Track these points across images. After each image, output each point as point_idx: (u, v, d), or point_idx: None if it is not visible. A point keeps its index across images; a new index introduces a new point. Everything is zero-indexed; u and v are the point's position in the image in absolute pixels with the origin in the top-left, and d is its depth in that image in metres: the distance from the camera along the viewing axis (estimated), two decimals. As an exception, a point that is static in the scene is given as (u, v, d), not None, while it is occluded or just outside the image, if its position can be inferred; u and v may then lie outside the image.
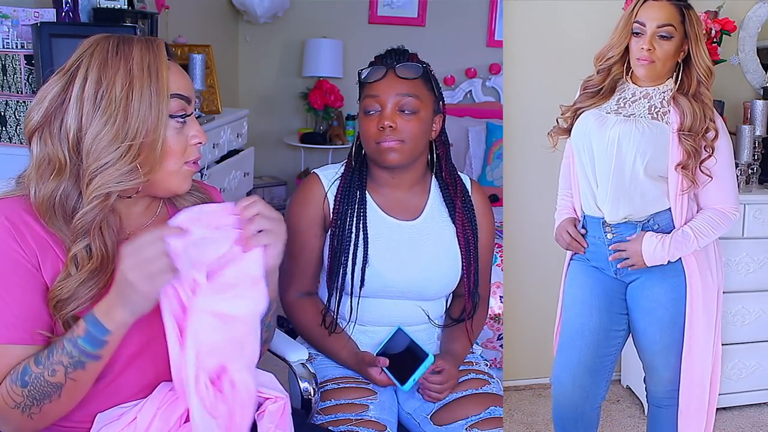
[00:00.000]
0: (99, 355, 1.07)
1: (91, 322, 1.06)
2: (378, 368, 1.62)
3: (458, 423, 1.59)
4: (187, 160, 1.19)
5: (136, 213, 1.25)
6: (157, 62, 1.14)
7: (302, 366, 1.59)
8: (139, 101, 1.11)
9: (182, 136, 1.18)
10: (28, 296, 1.11)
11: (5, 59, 2.16)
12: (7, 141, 2.16)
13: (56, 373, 1.07)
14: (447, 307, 1.81)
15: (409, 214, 1.73)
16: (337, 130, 4.73)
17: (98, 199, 1.11)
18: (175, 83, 1.16)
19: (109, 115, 1.10)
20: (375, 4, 4.72)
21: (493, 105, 4.50)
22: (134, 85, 1.11)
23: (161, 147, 1.13)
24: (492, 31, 4.65)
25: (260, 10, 4.39)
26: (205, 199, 1.34)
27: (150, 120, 1.12)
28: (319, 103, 4.62)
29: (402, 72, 1.64)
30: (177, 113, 1.16)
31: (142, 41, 1.16)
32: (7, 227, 1.12)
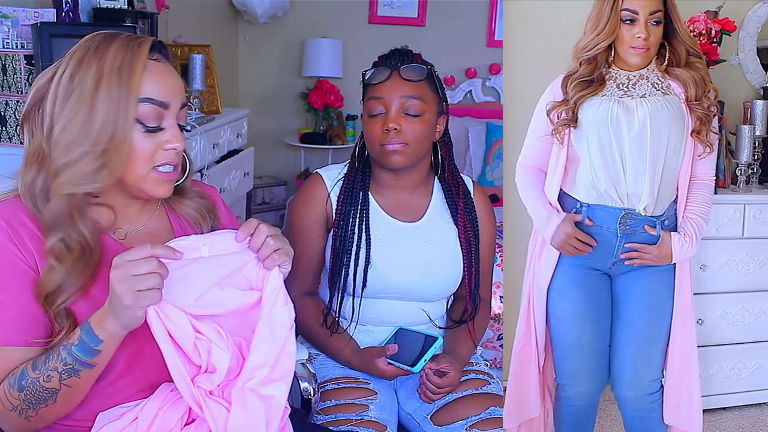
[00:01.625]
0: (92, 364, 1.08)
1: (85, 331, 1.07)
2: (384, 360, 1.62)
3: (458, 423, 1.59)
4: (156, 164, 1.16)
5: (133, 212, 1.25)
6: (133, 62, 1.12)
7: (302, 366, 1.59)
8: (106, 101, 1.10)
9: (153, 140, 1.15)
10: (26, 298, 1.11)
11: (5, 59, 2.16)
12: (7, 141, 2.16)
13: (51, 379, 1.07)
14: (448, 308, 1.81)
15: (412, 215, 1.73)
16: (337, 130, 4.73)
17: (63, 197, 1.11)
18: (150, 86, 1.13)
19: (76, 110, 1.10)
20: (375, 4, 4.71)
21: (493, 105, 4.49)
22: (102, 84, 1.10)
23: (127, 150, 1.11)
24: (492, 31, 4.64)
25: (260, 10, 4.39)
26: (207, 205, 1.33)
27: (115, 121, 1.10)
28: (319, 103, 4.61)
29: (406, 74, 1.64)
30: (143, 119, 1.13)
31: (124, 40, 1.14)
32: (5, 229, 1.12)
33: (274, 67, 4.87)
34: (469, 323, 1.74)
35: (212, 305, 1.11)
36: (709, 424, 2.65)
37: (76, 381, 1.08)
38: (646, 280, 1.90)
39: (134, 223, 1.25)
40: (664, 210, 1.88)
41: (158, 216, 1.30)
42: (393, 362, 1.61)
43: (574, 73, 1.87)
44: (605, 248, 1.89)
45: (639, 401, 1.94)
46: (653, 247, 1.85)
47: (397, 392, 1.74)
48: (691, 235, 1.86)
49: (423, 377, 1.62)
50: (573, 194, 1.90)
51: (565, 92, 1.87)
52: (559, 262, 1.95)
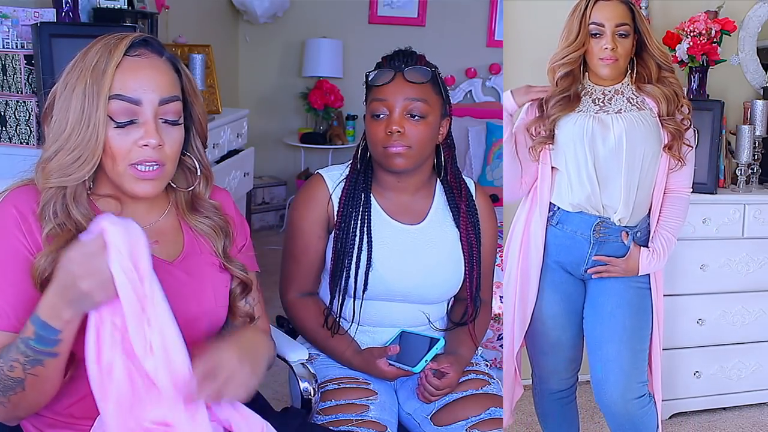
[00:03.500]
0: (55, 352, 1.07)
1: (38, 325, 1.05)
2: (385, 360, 1.62)
3: (458, 423, 1.59)
4: (133, 162, 1.16)
5: (141, 209, 1.26)
6: (108, 60, 1.15)
7: (302, 366, 1.59)
8: (81, 98, 1.14)
9: (127, 137, 1.16)
10: (25, 285, 1.12)
11: (5, 59, 2.16)
12: (7, 141, 2.16)
13: (14, 369, 1.07)
14: (448, 310, 1.81)
15: (414, 218, 1.73)
16: (337, 130, 4.73)
17: (50, 188, 1.15)
18: (121, 83, 1.15)
19: (59, 109, 1.16)
20: (375, 4, 4.72)
21: (493, 105, 4.49)
22: (77, 84, 1.15)
23: (100, 146, 1.14)
24: (492, 31, 4.65)
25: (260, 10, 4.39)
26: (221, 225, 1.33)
27: (87, 118, 1.13)
28: (319, 103, 4.62)
29: (411, 76, 1.63)
30: (115, 116, 1.14)
31: (107, 39, 1.18)
32: (15, 216, 1.15)
33: (274, 67, 4.87)
34: (470, 324, 1.74)
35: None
36: (709, 424, 2.65)
37: (41, 370, 1.08)
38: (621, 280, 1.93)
39: (142, 220, 1.25)
40: (638, 222, 1.92)
41: (168, 216, 1.30)
42: (394, 363, 1.61)
43: (551, 93, 1.90)
44: (578, 254, 1.93)
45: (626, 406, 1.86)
46: (621, 260, 1.90)
47: (397, 392, 1.74)
48: (659, 252, 1.91)
49: (422, 378, 1.62)
50: (552, 199, 1.96)
51: (543, 111, 1.91)
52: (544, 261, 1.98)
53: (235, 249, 1.37)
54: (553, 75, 1.91)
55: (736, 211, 2.58)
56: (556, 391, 2.07)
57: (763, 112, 2.69)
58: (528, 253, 1.98)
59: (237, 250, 1.38)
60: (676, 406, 2.65)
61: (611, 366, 1.88)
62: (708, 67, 2.64)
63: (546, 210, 1.95)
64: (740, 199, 2.60)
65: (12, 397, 1.09)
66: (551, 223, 1.95)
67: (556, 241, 1.95)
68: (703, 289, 2.59)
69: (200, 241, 1.32)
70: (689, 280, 2.56)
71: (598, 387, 1.91)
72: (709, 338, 2.62)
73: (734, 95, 2.85)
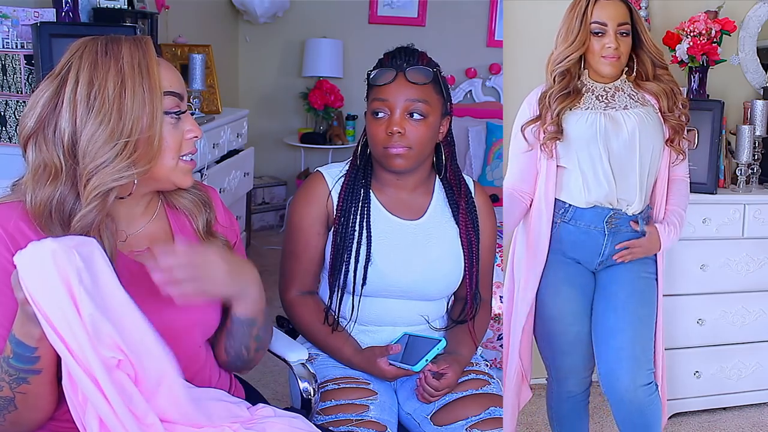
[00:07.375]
0: (37, 369, 1.06)
1: (14, 343, 1.05)
2: (386, 360, 1.62)
3: (458, 423, 1.59)
4: (182, 154, 1.20)
5: (137, 213, 1.25)
6: (147, 59, 1.14)
7: (302, 366, 1.59)
8: (132, 99, 1.11)
9: (178, 131, 1.19)
10: (13, 304, 1.07)
11: (5, 59, 2.16)
12: (7, 141, 2.16)
13: (2, 389, 1.07)
14: (448, 308, 1.81)
15: (413, 213, 1.73)
16: (337, 130, 4.73)
17: (98, 198, 1.11)
18: (166, 80, 1.17)
19: (103, 115, 1.10)
20: (375, 4, 4.72)
21: (493, 105, 4.50)
22: (126, 84, 1.11)
23: (158, 143, 1.14)
24: (492, 31, 4.65)
25: (260, 10, 4.40)
26: (202, 197, 1.33)
27: (145, 117, 1.12)
28: (319, 103, 4.62)
29: (412, 76, 1.62)
30: (171, 110, 1.17)
31: (130, 40, 1.16)
32: (1, 236, 1.12)
33: (274, 67, 4.87)
34: (470, 324, 1.74)
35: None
36: (709, 424, 2.65)
37: (28, 387, 1.07)
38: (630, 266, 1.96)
39: (135, 224, 1.25)
40: (643, 209, 1.96)
41: (158, 217, 1.30)
42: (394, 362, 1.61)
43: (549, 90, 1.91)
44: (593, 247, 1.94)
45: (636, 392, 1.87)
46: (642, 239, 1.93)
47: (397, 392, 1.74)
48: (675, 224, 1.97)
49: (421, 378, 1.62)
50: (561, 197, 1.96)
51: (543, 108, 1.91)
52: (548, 262, 1.97)
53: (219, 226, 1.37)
54: (552, 74, 1.92)
55: (736, 211, 2.58)
56: (576, 393, 2.06)
57: (763, 112, 2.69)
58: (532, 250, 1.98)
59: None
60: (676, 406, 2.65)
61: (624, 354, 1.88)
62: (708, 67, 2.64)
63: (551, 207, 1.95)
64: (740, 199, 2.60)
65: (7, 416, 1.09)
66: (564, 219, 1.95)
67: (571, 238, 1.95)
68: (703, 289, 2.58)
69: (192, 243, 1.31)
70: (689, 280, 2.56)
71: (608, 376, 1.90)
72: (709, 338, 2.62)
73: (734, 95, 2.85)
